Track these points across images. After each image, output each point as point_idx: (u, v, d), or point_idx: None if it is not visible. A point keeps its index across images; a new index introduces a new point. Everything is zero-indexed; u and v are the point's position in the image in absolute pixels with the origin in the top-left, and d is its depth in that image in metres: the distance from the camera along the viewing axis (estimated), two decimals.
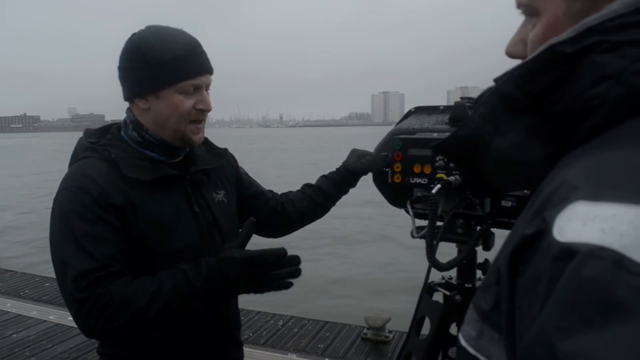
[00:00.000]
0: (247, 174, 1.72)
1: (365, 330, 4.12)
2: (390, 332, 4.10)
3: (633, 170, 0.45)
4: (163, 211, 1.33)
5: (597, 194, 0.43)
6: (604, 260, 0.39)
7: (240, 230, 1.58)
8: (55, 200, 1.30)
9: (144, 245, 1.29)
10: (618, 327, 0.36)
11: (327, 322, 4.40)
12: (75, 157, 1.38)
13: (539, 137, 0.59)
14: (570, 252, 0.41)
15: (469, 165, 0.71)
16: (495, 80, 0.63)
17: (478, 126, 0.65)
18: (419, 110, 1.69)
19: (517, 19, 0.70)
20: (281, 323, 4.36)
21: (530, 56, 0.58)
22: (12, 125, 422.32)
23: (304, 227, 1.81)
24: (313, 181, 1.82)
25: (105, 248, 1.23)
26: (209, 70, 1.36)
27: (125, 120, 1.42)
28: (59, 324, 4.28)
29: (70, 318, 1.28)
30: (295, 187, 1.85)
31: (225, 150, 1.62)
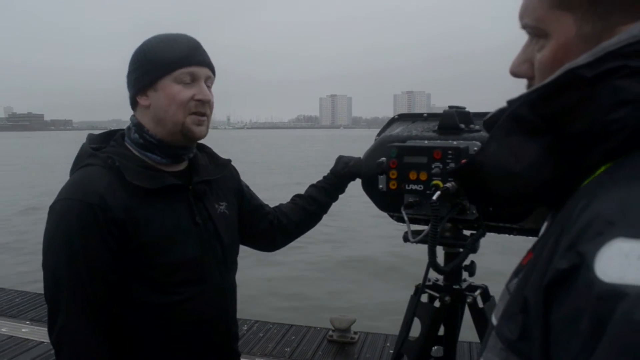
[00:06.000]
0: (248, 187, 1.72)
1: (330, 332, 4.15)
2: (355, 333, 4.15)
3: None
4: (165, 222, 1.32)
5: (638, 231, 0.44)
6: None
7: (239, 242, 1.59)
8: (53, 209, 1.28)
9: (143, 256, 1.29)
10: None
11: (292, 325, 4.40)
12: (78, 164, 1.36)
13: (551, 158, 0.60)
14: (618, 294, 0.42)
15: (482, 187, 0.71)
16: (510, 102, 0.63)
17: (495, 151, 0.64)
18: (403, 118, 1.74)
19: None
20: (246, 328, 4.33)
21: (547, 80, 0.59)
22: None
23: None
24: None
25: (101, 288, 1.26)
26: (206, 64, 1.37)
27: (128, 126, 1.42)
28: (12, 336, 4.07)
29: (25, 330, 1.24)
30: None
31: (229, 161, 1.62)
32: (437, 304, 1.59)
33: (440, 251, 1.53)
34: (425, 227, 1.44)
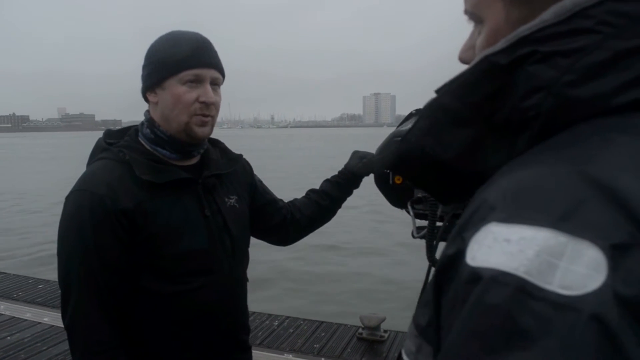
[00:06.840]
0: (261, 182, 1.74)
1: (360, 330, 4.14)
2: (385, 331, 4.13)
3: (545, 189, 0.44)
4: (173, 214, 1.35)
5: (510, 215, 0.43)
6: (507, 286, 0.39)
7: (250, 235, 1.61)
8: (67, 200, 1.34)
9: (152, 247, 1.32)
10: (521, 354, 0.36)
11: (322, 322, 4.42)
12: (93, 157, 1.43)
13: (483, 148, 0.58)
14: (476, 277, 0.41)
15: (419, 178, 0.69)
16: (436, 91, 0.61)
17: (418, 140, 0.62)
18: (419, 112, 1.71)
19: None
20: (277, 323, 4.38)
21: (466, 67, 0.57)
22: (0, 125, 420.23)
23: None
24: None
25: (110, 278, 1.30)
26: (213, 65, 1.39)
27: (142, 121, 1.46)
28: (53, 325, 4.26)
29: None
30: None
31: (240, 156, 1.64)
32: None
33: None
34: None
